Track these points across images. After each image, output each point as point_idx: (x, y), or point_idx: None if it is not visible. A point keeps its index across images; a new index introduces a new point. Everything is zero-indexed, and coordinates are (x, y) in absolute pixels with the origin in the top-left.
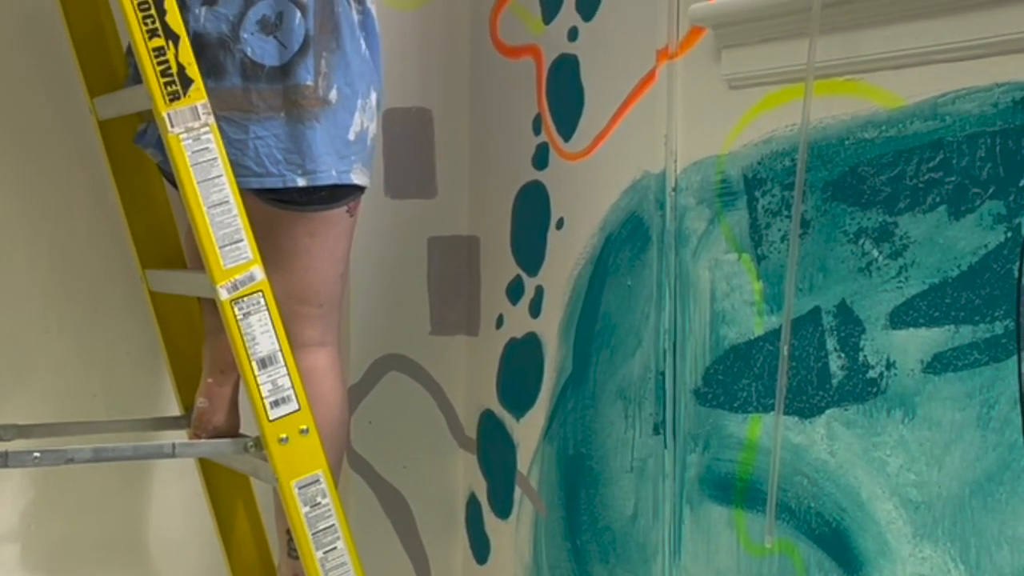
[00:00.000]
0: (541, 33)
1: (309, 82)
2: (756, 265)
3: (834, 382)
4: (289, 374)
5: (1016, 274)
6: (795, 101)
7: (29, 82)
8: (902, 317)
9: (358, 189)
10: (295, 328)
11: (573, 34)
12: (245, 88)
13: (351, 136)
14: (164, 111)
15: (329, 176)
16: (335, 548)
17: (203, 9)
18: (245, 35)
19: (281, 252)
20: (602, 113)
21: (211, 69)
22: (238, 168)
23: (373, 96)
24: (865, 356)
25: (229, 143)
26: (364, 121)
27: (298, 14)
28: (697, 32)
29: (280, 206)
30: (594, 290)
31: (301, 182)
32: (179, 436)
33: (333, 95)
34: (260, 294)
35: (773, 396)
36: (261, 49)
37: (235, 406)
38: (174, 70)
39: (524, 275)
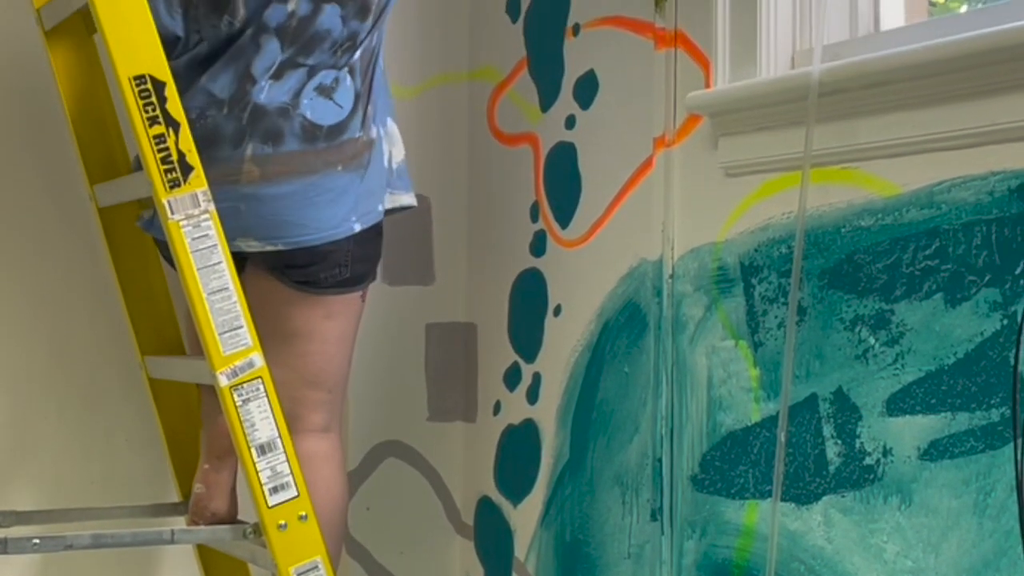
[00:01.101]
0: (539, 121)
1: (359, 135)
2: (753, 352)
3: (831, 468)
4: (288, 460)
5: (1012, 361)
6: (792, 189)
7: (29, 168)
8: (899, 404)
9: (373, 277)
10: (302, 412)
11: (571, 122)
12: (304, 150)
13: (384, 165)
14: (164, 198)
15: (376, 214)
16: None
17: (268, 82)
18: (305, 101)
19: (296, 335)
20: (599, 200)
21: (268, 136)
22: (295, 227)
23: (389, 121)
24: (862, 443)
25: (289, 204)
26: (388, 147)
27: (349, 77)
28: (694, 120)
29: (300, 288)
30: (591, 377)
31: (357, 227)
32: (178, 522)
33: (373, 133)
34: (259, 380)
35: (770, 482)
36: (319, 112)
37: (233, 492)
38: (174, 157)
39: (521, 362)
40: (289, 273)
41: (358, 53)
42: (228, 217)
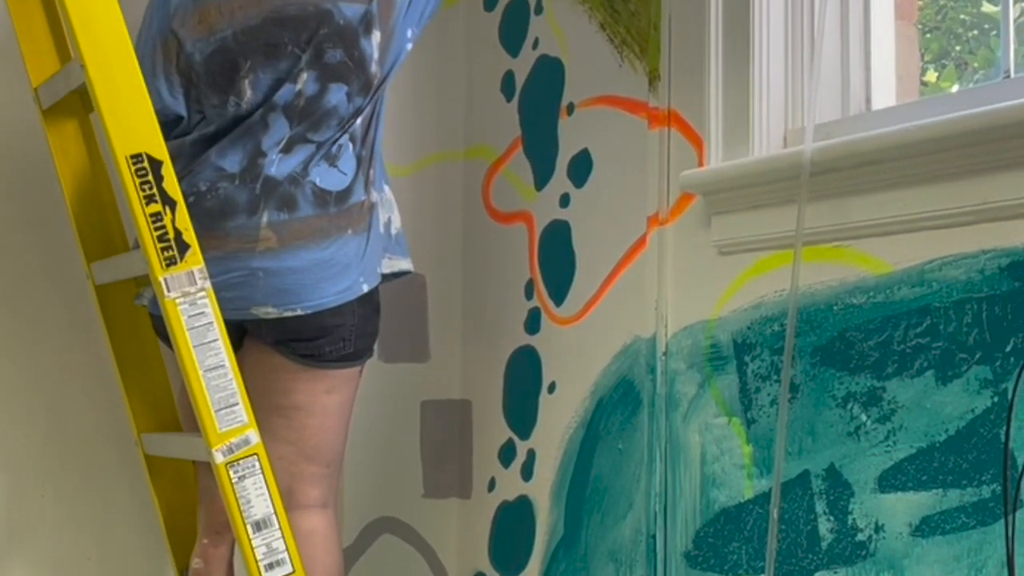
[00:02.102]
0: (533, 199)
1: (363, 198)
2: (746, 429)
3: (823, 545)
4: (283, 536)
5: (1003, 438)
6: (784, 267)
7: (27, 245)
8: (890, 481)
9: (371, 352)
10: (299, 487)
11: (565, 200)
12: (318, 215)
13: (381, 230)
14: (161, 276)
15: (376, 276)
16: None
17: (278, 156)
18: (314, 169)
19: (297, 408)
20: (593, 278)
21: (283, 203)
22: (312, 292)
23: (385, 188)
24: (854, 519)
25: (305, 272)
26: (386, 214)
27: (350, 143)
28: (687, 199)
29: (304, 361)
30: (585, 453)
31: (365, 287)
32: None
33: (373, 197)
34: (255, 457)
35: (763, 559)
36: (327, 179)
37: (231, 567)
38: (171, 235)
39: (516, 438)
40: (294, 346)
41: (359, 120)
42: (244, 286)
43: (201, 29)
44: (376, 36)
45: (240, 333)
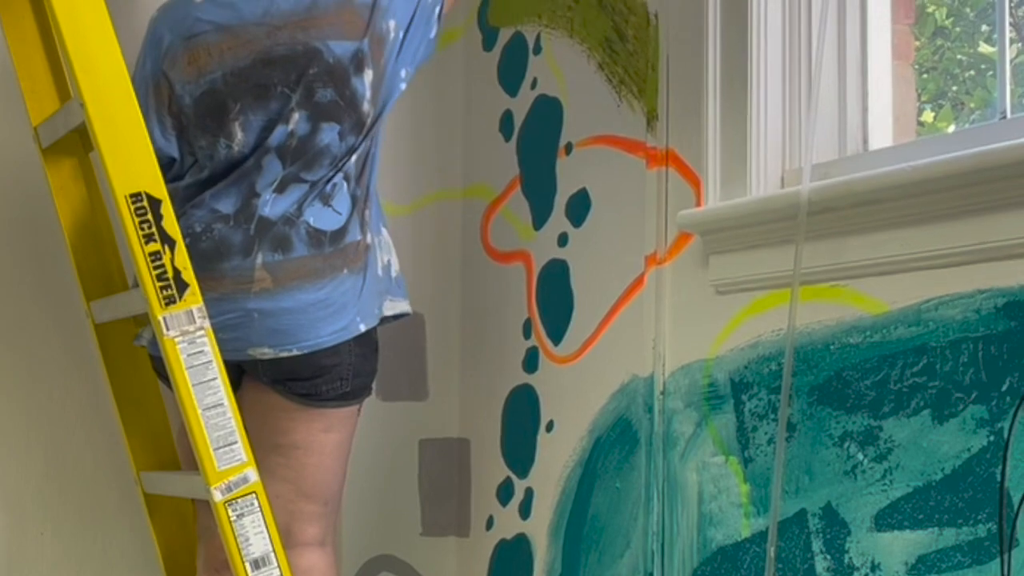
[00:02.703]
0: (532, 239)
1: (359, 238)
2: (743, 468)
3: None
4: (282, 574)
5: (999, 477)
6: (781, 306)
7: (26, 284)
8: (887, 519)
9: (370, 391)
10: (297, 526)
11: (563, 240)
12: (312, 255)
13: (379, 272)
14: (160, 315)
15: (374, 317)
16: None
17: (272, 196)
18: (308, 209)
19: (295, 447)
20: (591, 317)
21: (277, 244)
22: (308, 332)
23: (383, 230)
24: (851, 558)
25: (300, 313)
26: (384, 256)
27: (345, 183)
28: (685, 238)
29: (301, 400)
30: (583, 492)
31: (363, 327)
32: None
33: (369, 239)
34: (254, 495)
35: None
36: (321, 219)
37: None
38: (170, 274)
39: (514, 477)
40: (291, 386)
41: (353, 159)
42: (240, 327)
43: (190, 71)
44: (368, 75)
45: (238, 372)
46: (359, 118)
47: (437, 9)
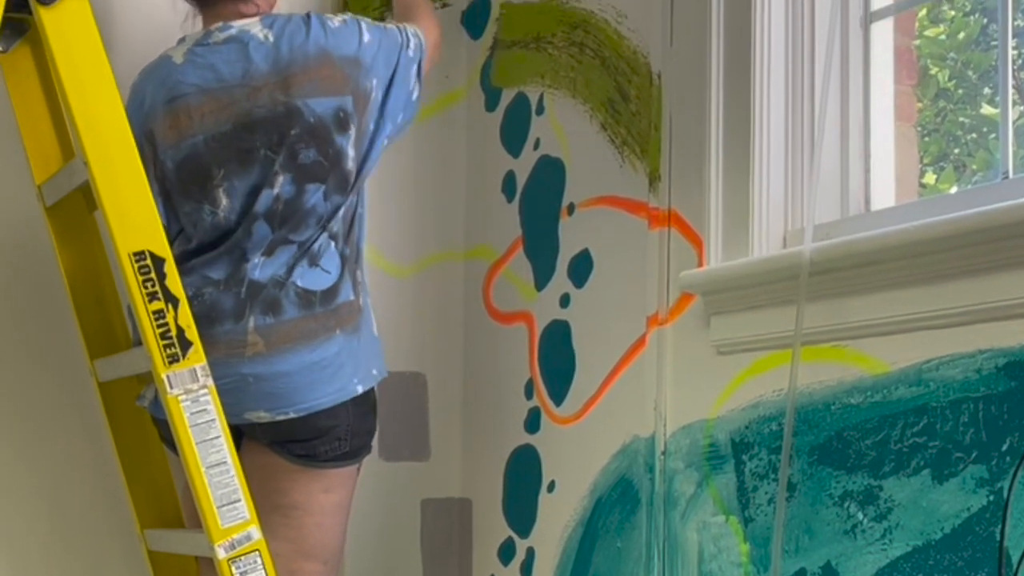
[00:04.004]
0: (534, 300)
1: (351, 297)
2: (743, 527)
3: None
4: None
5: (998, 537)
6: (783, 367)
7: (30, 342)
8: None
9: (369, 450)
10: None
11: (565, 300)
12: (303, 316)
13: (375, 332)
14: (163, 373)
15: (372, 378)
16: None
17: (261, 259)
18: (297, 270)
19: (295, 508)
20: (593, 378)
21: (268, 307)
22: (304, 394)
23: (364, 277)
24: None
25: (295, 375)
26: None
27: (332, 242)
28: (687, 299)
29: (300, 461)
30: (584, 552)
31: (360, 389)
32: None
33: (361, 301)
34: (257, 553)
35: None
36: (310, 279)
37: None
38: (173, 333)
39: (516, 537)
40: (290, 447)
41: (338, 219)
42: (236, 392)
43: (172, 135)
44: (351, 133)
45: (238, 432)
46: (343, 177)
47: (414, 68)
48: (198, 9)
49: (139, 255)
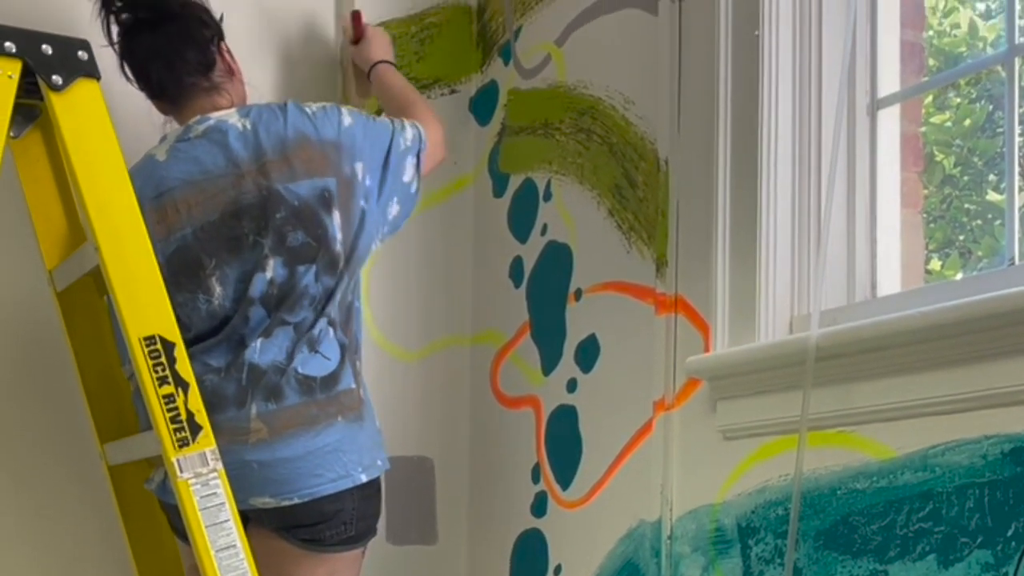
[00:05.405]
0: (541, 384)
1: (352, 386)
2: None
3: None
4: None
5: None
6: (789, 452)
7: (40, 427)
8: None
9: (374, 532)
10: None
11: (572, 385)
12: (305, 402)
13: (378, 424)
14: (174, 457)
15: (377, 468)
16: None
17: (259, 341)
18: (298, 356)
19: None
20: (600, 462)
21: (270, 393)
22: (307, 480)
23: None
24: None
25: (299, 461)
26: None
27: (331, 329)
28: (693, 384)
29: (306, 546)
30: None
31: (364, 477)
32: None
33: (362, 393)
34: None
35: None
36: (310, 366)
37: None
38: (183, 417)
39: None
40: (295, 532)
41: (335, 305)
42: (240, 478)
43: (160, 230)
44: (336, 215)
45: (244, 517)
46: (332, 258)
47: (411, 159)
48: (174, 113)
49: (150, 339)
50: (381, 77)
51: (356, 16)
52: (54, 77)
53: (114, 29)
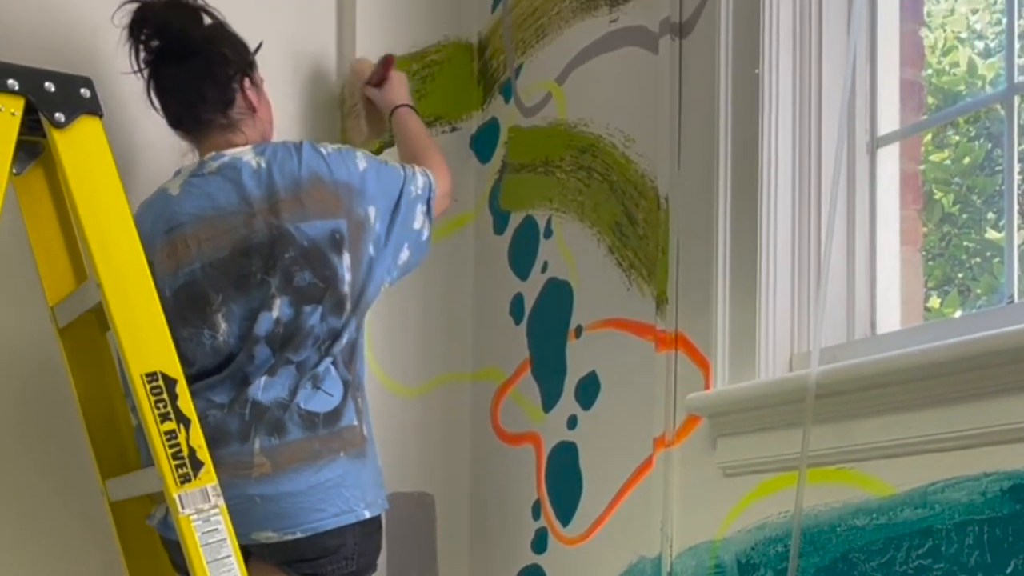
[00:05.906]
0: (541, 421)
1: (355, 423)
2: None
3: None
4: None
5: None
6: (788, 489)
7: (42, 463)
8: None
9: (374, 568)
10: None
11: (572, 422)
12: (308, 437)
13: (380, 463)
14: (175, 493)
15: (379, 506)
16: None
17: (263, 379)
18: (300, 392)
19: None
20: (600, 499)
21: (273, 428)
22: (310, 515)
23: (367, 408)
24: None
25: (302, 495)
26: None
27: (334, 367)
28: (693, 421)
29: None
30: None
31: (367, 514)
32: None
33: (365, 431)
34: None
35: None
36: (313, 402)
37: None
38: (185, 453)
39: None
40: (297, 567)
41: (340, 344)
42: (243, 512)
43: (169, 264)
44: (346, 257)
45: (245, 552)
46: (339, 300)
47: (421, 206)
48: (193, 143)
49: (151, 376)
50: (403, 120)
51: (389, 60)
52: (57, 114)
53: (142, 55)
